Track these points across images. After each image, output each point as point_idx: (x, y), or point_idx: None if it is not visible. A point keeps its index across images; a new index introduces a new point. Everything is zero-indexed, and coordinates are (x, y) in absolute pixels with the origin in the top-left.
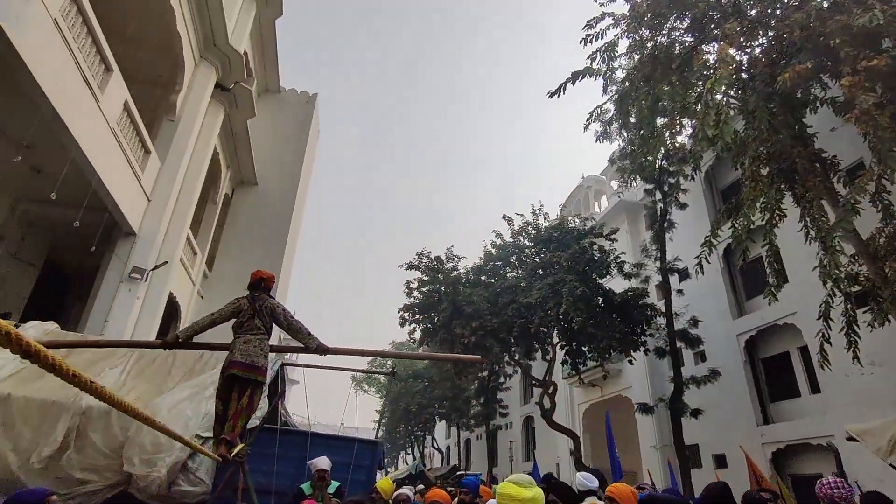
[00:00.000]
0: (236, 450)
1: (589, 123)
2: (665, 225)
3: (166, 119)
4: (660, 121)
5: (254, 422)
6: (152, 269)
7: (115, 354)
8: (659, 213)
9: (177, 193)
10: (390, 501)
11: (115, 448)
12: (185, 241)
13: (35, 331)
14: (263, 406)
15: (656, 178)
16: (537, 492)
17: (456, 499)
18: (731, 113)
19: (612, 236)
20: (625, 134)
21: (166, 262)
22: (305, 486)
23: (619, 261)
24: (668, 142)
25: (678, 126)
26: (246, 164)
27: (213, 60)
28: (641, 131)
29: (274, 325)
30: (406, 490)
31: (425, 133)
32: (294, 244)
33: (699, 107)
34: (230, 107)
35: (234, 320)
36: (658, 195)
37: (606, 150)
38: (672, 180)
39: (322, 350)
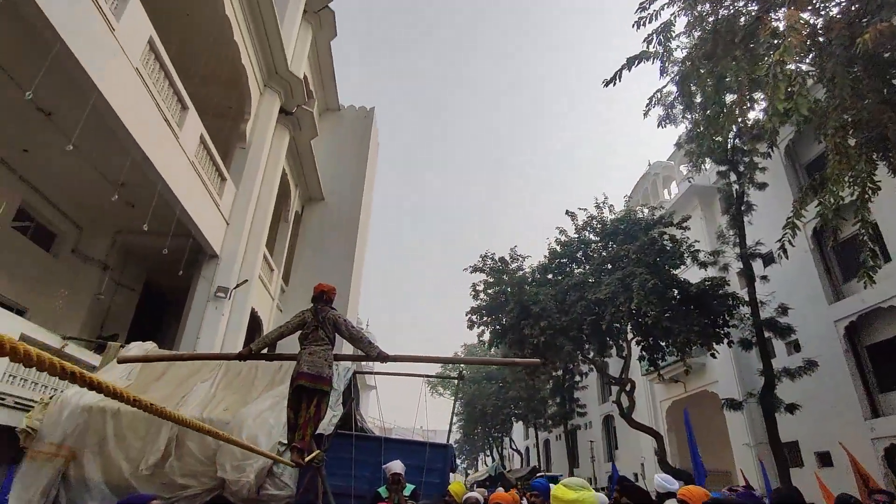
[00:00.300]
0: (310, 456)
1: (649, 108)
2: (743, 208)
3: (238, 147)
4: (728, 97)
5: (329, 428)
6: (235, 288)
7: (205, 368)
8: (735, 195)
9: (252, 215)
10: None
11: (209, 455)
12: (262, 260)
13: (137, 350)
14: (337, 412)
15: (729, 159)
16: (584, 494)
17: (525, 502)
18: (809, 82)
19: (684, 224)
20: (690, 116)
21: (247, 281)
22: (382, 490)
23: (692, 250)
24: (739, 119)
25: (748, 102)
26: (312, 182)
27: (276, 88)
28: (708, 111)
29: (337, 335)
30: (475, 493)
31: (478, 132)
32: (363, 253)
33: (768, 80)
34: (294, 129)
35: (299, 332)
36: (733, 176)
37: (672, 135)
38: (747, 159)
39: (382, 358)
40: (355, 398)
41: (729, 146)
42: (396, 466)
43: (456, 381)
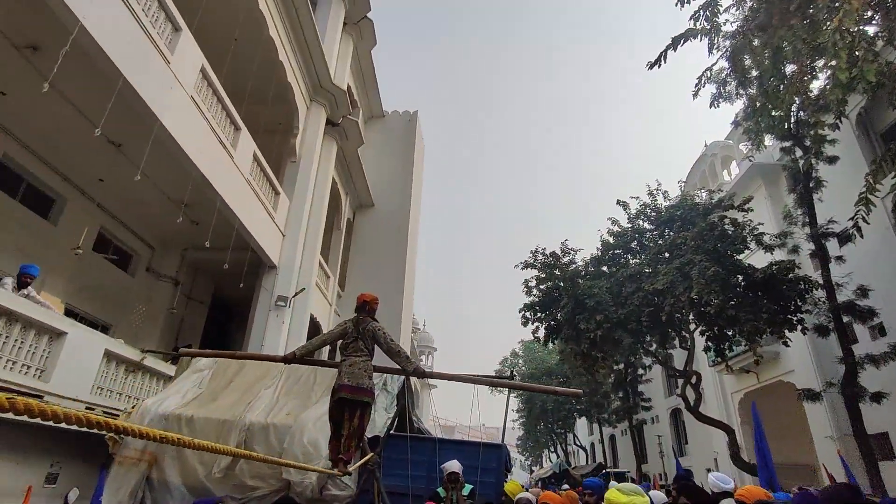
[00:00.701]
0: (363, 459)
1: (699, 88)
2: (811, 185)
3: (289, 161)
4: (788, 69)
5: (382, 431)
6: (293, 297)
7: (268, 375)
8: (802, 171)
9: (306, 226)
10: None
11: (275, 457)
12: (318, 268)
13: (207, 362)
14: (391, 414)
15: (793, 133)
16: (636, 500)
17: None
18: (879, 44)
19: (746, 206)
20: (745, 91)
21: (304, 289)
22: (440, 490)
23: (756, 233)
24: (801, 91)
25: (810, 72)
26: (362, 189)
27: (321, 101)
28: (765, 86)
29: (376, 346)
30: (527, 494)
31: (520, 126)
32: (414, 254)
33: (829, 47)
34: (341, 139)
35: (340, 341)
36: (798, 152)
37: (727, 114)
38: (813, 132)
39: (419, 374)
40: (410, 400)
41: (792, 120)
42: (453, 466)
43: (507, 394)
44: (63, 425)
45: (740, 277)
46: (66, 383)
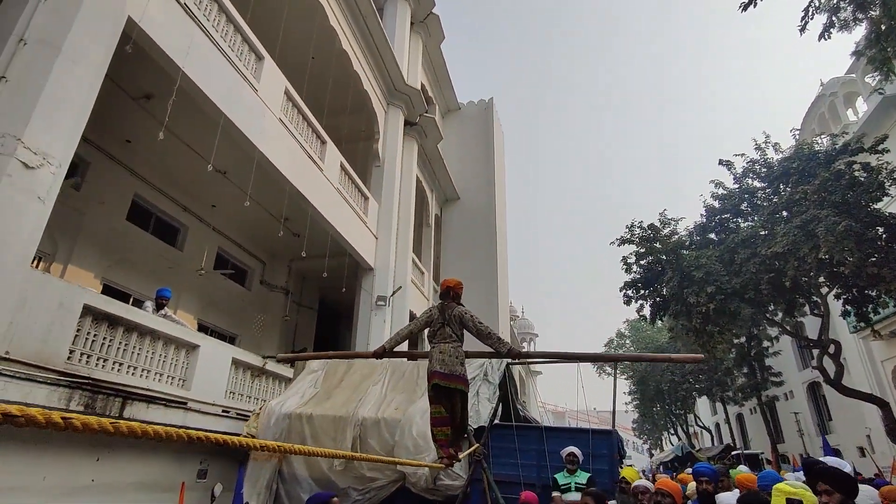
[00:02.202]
0: (470, 450)
1: (806, 21)
2: None
3: (374, 165)
4: None
5: (485, 421)
6: (391, 296)
7: (375, 373)
8: None
9: (396, 226)
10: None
11: (388, 451)
12: (412, 265)
13: (319, 362)
14: (493, 404)
15: None
16: (809, 496)
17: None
18: None
19: (881, 146)
20: (865, 14)
21: (400, 287)
22: (559, 476)
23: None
24: None
25: None
26: (446, 183)
27: (397, 103)
28: (889, 3)
29: (465, 331)
30: (644, 482)
31: (600, 87)
32: (504, 242)
33: None
34: (420, 137)
35: (428, 329)
36: None
37: (842, 48)
38: None
39: (514, 355)
40: (512, 388)
41: None
42: (572, 448)
43: (614, 367)
44: (205, 429)
45: (880, 230)
46: (203, 390)
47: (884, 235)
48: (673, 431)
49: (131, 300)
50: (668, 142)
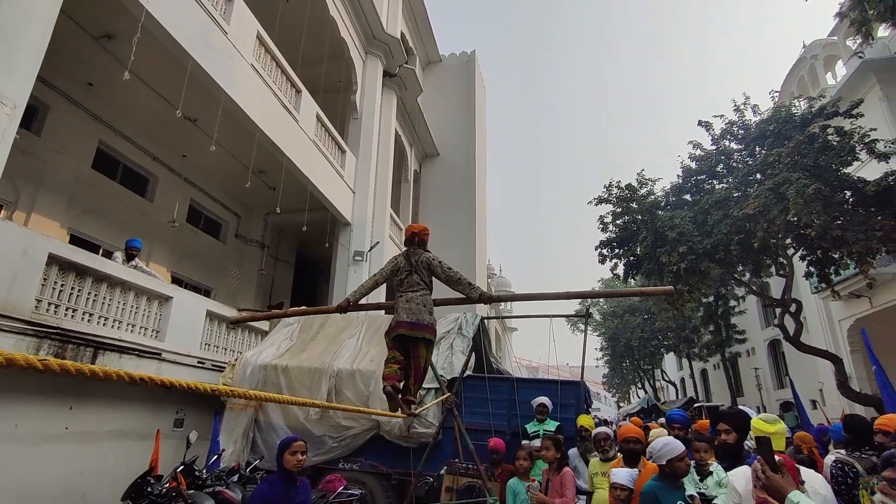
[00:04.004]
0: (443, 397)
1: None
2: None
3: (352, 118)
4: None
5: (457, 372)
6: (369, 251)
7: (351, 326)
8: None
9: (374, 181)
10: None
11: (363, 401)
12: (389, 221)
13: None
14: (467, 356)
15: None
16: (780, 427)
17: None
18: None
19: (855, 111)
20: None
21: (378, 243)
22: (530, 425)
23: (867, 140)
24: None
25: None
26: (425, 138)
27: (376, 52)
28: None
29: (434, 278)
30: (604, 429)
31: (593, 56)
32: (484, 200)
33: None
34: (400, 90)
35: (395, 279)
36: None
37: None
38: None
39: (485, 299)
40: (486, 341)
41: None
42: (543, 398)
43: (584, 320)
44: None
45: (847, 193)
46: (178, 341)
47: (850, 199)
48: (640, 386)
49: (101, 251)
50: (661, 95)
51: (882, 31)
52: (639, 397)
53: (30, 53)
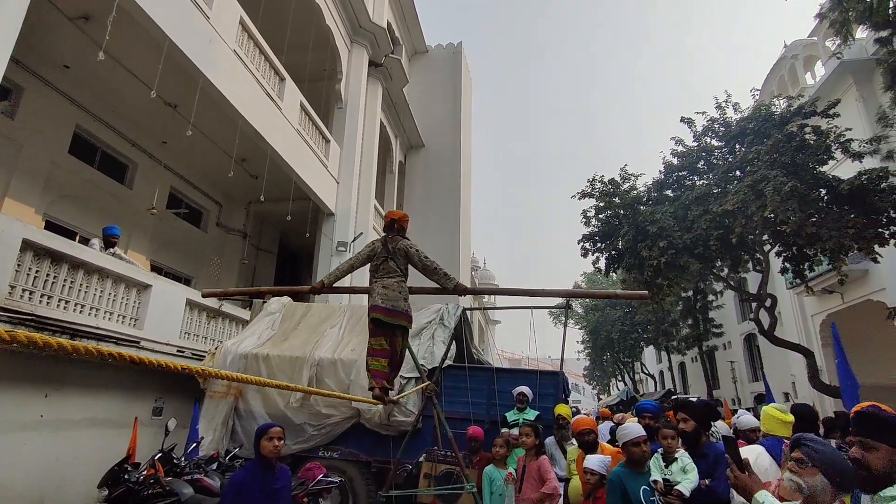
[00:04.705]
0: (422, 385)
1: None
2: None
3: (336, 107)
4: None
5: (437, 362)
6: (352, 241)
7: (333, 315)
8: None
9: (358, 171)
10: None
11: (343, 390)
12: (374, 212)
13: (276, 304)
14: (449, 348)
15: (892, 21)
16: (790, 417)
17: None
18: None
19: (832, 111)
20: None
21: (362, 234)
22: (510, 414)
23: (843, 140)
24: None
25: None
26: (411, 129)
27: (361, 42)
28: None
29: (410, 266)
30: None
31: (580, 52)
32: (469, 192)
33: None
34: (385, 80)
35: (370, 264)
36: None
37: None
38: None
39: (459, 290)
40: (467, 332)
41: (891, 4)
42: (523, 388)
43: (563, 310)
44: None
45: (823, 191)
46: (157, 330)
47: (825, 197)
48: (620, 378)
49: (77, 238)
50: (645, 89)
51: (860, 32)
52: (618, 390)
53: (2, 32)
